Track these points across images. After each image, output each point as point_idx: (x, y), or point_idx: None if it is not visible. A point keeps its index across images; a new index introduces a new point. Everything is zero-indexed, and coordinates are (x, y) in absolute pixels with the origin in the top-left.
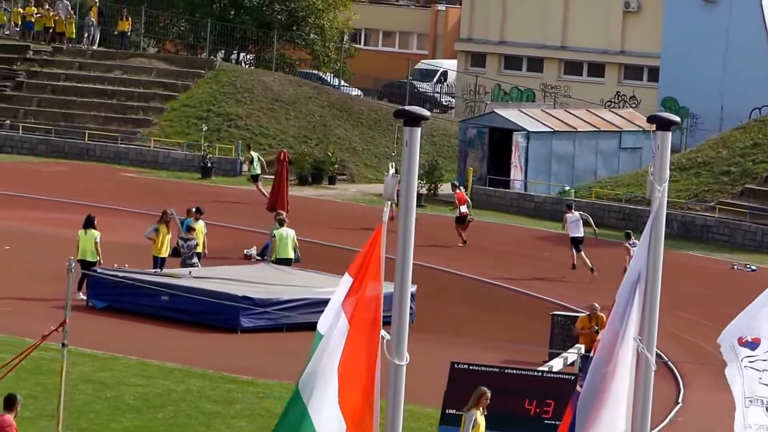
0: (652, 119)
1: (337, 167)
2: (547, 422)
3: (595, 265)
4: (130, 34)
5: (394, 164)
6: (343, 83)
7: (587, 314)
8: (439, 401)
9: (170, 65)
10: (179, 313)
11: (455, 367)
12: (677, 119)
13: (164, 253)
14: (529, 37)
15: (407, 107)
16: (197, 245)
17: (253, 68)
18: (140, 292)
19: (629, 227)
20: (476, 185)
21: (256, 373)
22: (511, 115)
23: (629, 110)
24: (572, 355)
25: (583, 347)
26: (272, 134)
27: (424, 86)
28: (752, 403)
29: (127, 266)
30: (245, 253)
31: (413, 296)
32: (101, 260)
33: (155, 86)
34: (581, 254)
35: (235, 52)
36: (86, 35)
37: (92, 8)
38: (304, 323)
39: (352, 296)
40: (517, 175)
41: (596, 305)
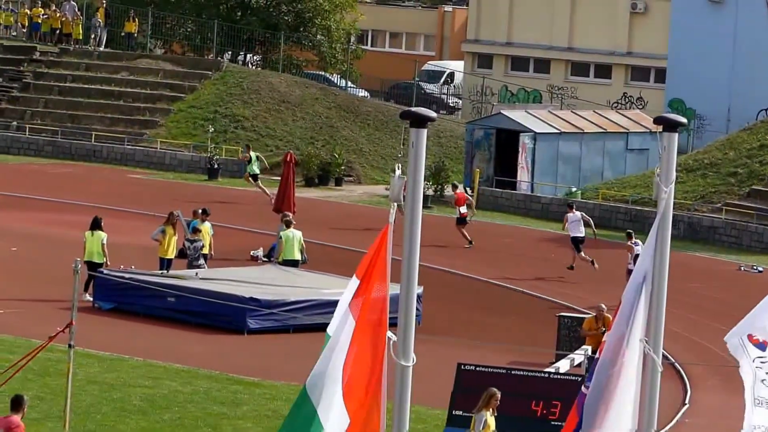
0: (658, 120)
1: (343, 168)
2: (553, 423)
3: (599, 266)
4: (136, 35)
5: (400, 165)
6: (349, 84)
7: (594, 315)
8: (445, 402)
9: (177, 66)
10: (186, 314)
11: (462, 368)
12: (684, 120)
13: (171, 254)
14: (536, 38)
15: (413, 108)
16: (203, 247)
17: (259, 69)
18: (147, 293)
19: (636, 229)
20: (483, 186)
21: (262, 374)
22: (517, 116)
23: (636, 111)
24: (579, 356)
25: (589, 348)
26: (279, 135)
27: (430, 87)
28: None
29: (133, 267)
30: (252, 254)
31: (420, 297)
32: (108, 262)
33: (162, 87)
34: (581, 254)
35: (241, 53)
36: (93, 36)
37: (99, 9)
38: (310, 324)
39: (358, 297)
40: (523, 176)
41: (603, 306)
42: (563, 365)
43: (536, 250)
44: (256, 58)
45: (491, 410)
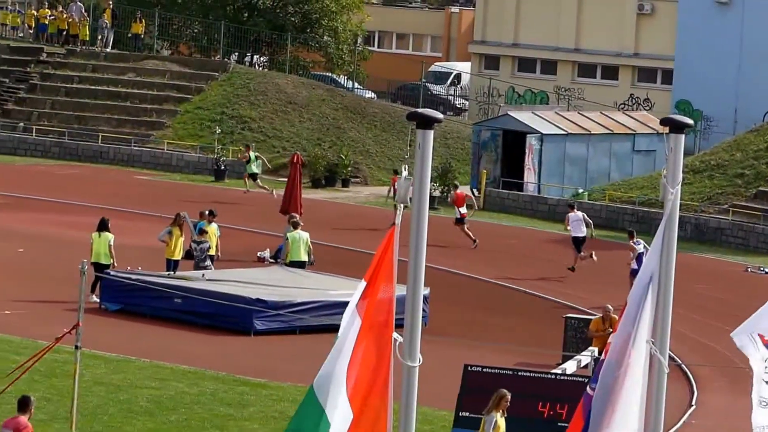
0: (665, 122)
1: (350, 170)
2: (560, 425)
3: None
4: (143, 36)
5: (407, 167)
6: (356, 86)
7: (600, 316)
8: (452, 404)
9: (184, 68)
10: (192, 315)
11: (469, 369)
12: (690, 122)
13: (177, 255)
14: (542, 39)
15: (420, 110)
16: (210, 248)
17: (266, 71)
18: (153, 294)
19: (643, 230)
20: (490, 188)
21: (269, 375)
22: (524, 117)
23: (643, 113)
24: (586, 357)
25: (596, 350)
26: (285, 137)
27: (437, 89)
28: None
29: (140, 269)
30: (258, 255)
31: (426, 299)
32: (115, 263)
33: (169, 89)
34: (580, 254)
35: (248, 54)
36: (100, 37)
37: (106, 10)
38: (317, 326)
39: (365, 299)
40: (530, 177)
41: (609, 307)
42: (570, 366)
43: (543, 251)
44: (262, 59)
45: (501, 411)
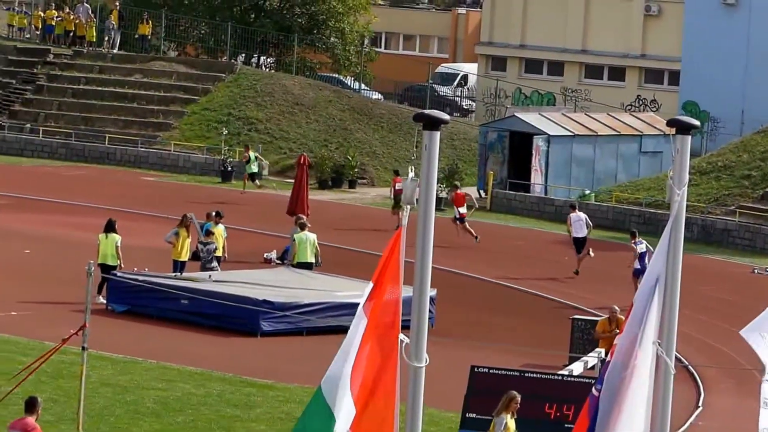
0: (671, 123)
1: (356, 171)
2: (567, 426)
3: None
4: (150, 37)
5: (413, 168)
6: (363, 87)
7: (607, 317)
8: (458, 405)
9: (190, 69)
10: (199, 316)
11: (475, 370)
12: (697, 123)
13: (184, 256)
14: (549, 40)
15: (426, 111)
16: (217, 249)
17: (273, 72)
18: (160, 295)
19: (649, 231)
20: (496, 189)
21: (276, 376)
22: (531, 118)
23: (650, 114)
24: (592, 359)
25: (603, 351)
26: (292, 138)
27: (444, 90)
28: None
29: (146, 270)
30: (265, 256)
31: (433, 300)
32: (122, 264)
33: (175, 90)
34: (585, 254)
35: (255, 55)
36: (107, 39)
37: (113, 12)
38: (323, 327)
39: (371, 300)
40: (537, 178)
41: (616, 308)
42: (577, 368)
43: (549, 252)
44: (269, 60)
45: (511, 413)
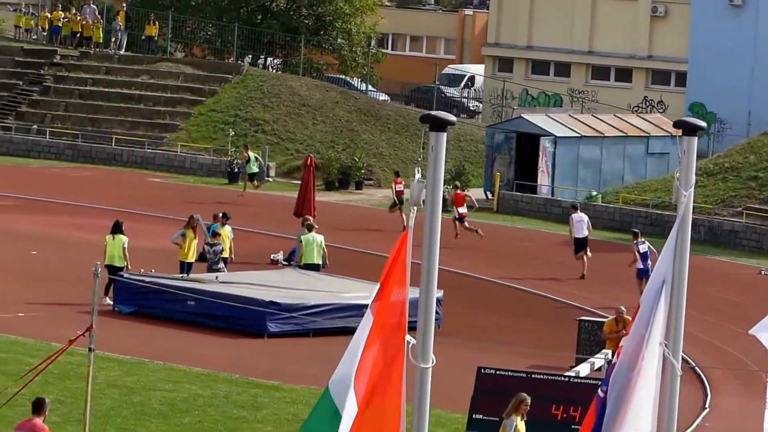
0: (678, 124)
1: (363, 172)
2: (573, 427)
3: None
4: (157, 38)
5: (420, 169)
6: (370, 88)
7: (614, 318)
8: (465, 406)
9: (197, 70)
10: (206, 318)
11: (482, 372)
12: (703, 124)
13: (191, 258)
14: (556, 41)
15: (433, 112)
16: (223, 250)
17: (280, 73)
18: (167, 297)
19: (656, 233)
20: (503, 190)
21: (282, 378)
22: (538, 120)
23: (657, 115)
24: (599, 360)
25: (610, 352)
26: (299, 139)
27: (451, 91)
28: None
29: (153, 271)
30: (272, 258)
31: (440, 301)
32: (129, 266)
33: (182, 91)
34: (582, 255)
35: (262, 56)
36: (113, 40)
37: (119, 13)
38: (330, 328)
39: (377, 300)
40: (544, 180)
41: (623, 308)
42: (583, 369)
43: (556, 254)
44: (276, 61)
45: (521, 415)
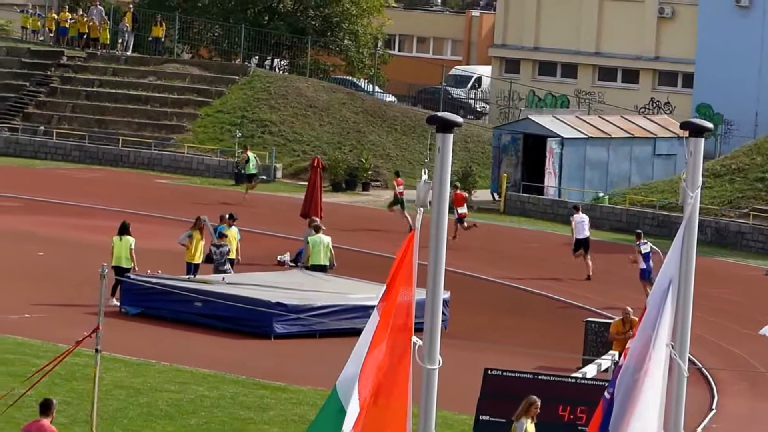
0: (684, 126)
1: (370, 173)
2: (580, 429)
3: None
4: (164, 40)
5: (427, 170)
6: (377, 89)
7: (620, 318)
8: (472, 407)
9: (204, 71)
10: (212, 319)
11: (489, 373)
12: (710, 126)
13: (197, 259)
14: (563, 43)
15: (439, 113)
16: (230, 252)
17: (286, 74)
18: (173, 298)
19: (663, 234)
20: (510, 191)
21: (289, 379)
22: (545, 121)
23: (664, 116)
24: (606, 361)
25: (617, 353)
26: (306, 140)
27: (458, 92)
28: None
29: (160, 272)
30: (278, 259)
31: (446, 303)
32: (136, 267)
33: (189, 92)
34: (581, 254)
35: (269, 58)
36: (120, 41)
37: (126, 14)
38: (337, 329)
39: (384, 301)
40: (551, 181)
41: (629, 309)
42: (590, 370)
43: (563, 255)
44: (283, 62)
45: (531, 418)
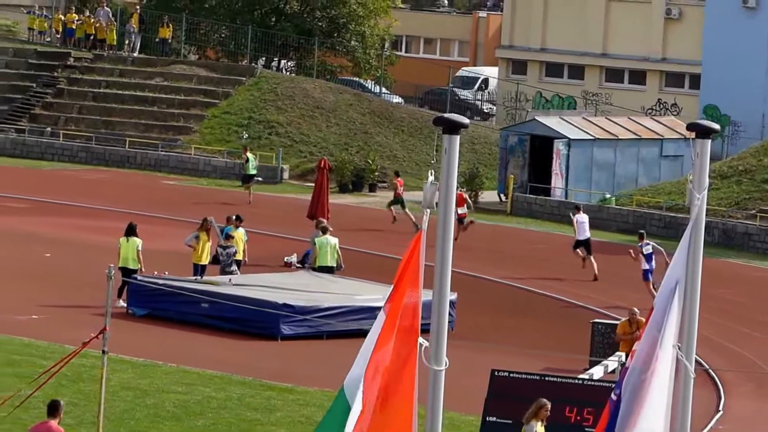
0: (691, 127)
1: (377, 174)
2: (587, 430)
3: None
4: (170, 41)
5: (433, 172)
6: (383, 90)
7: (627, 319)
8: (478, 409)
9: (211, 72)
10: (219, 320)
11: (495, 374)
12: (716, 127)
13: (204, 260)
14: (570, 44)
15: (446, 115)
16: (236, 253)
17: (293, 75)
18: (180, 299)
19: (670, 235)
20: (517, 193)
21: (296, 380)
22: (552, 122)
23: (670, 118)
24: (613, 362)
25: (624, 354)
26: (313, 141)
27: (465, 93)
28: None
29: (167, 273)
30: (285, 260)
31: (453, 304)
32: (143, 268)
33: (196, 93)
34: (581, 253)
35: (275, 59)
36: (127, 42)
37: (133, 15)
38: (344, 331)
39: (390, 302)
40: (558, 182)
41: (635, 309)
42: (597, 372)
43: (570, 256)
44: (290, 64)
45: (541, 420)
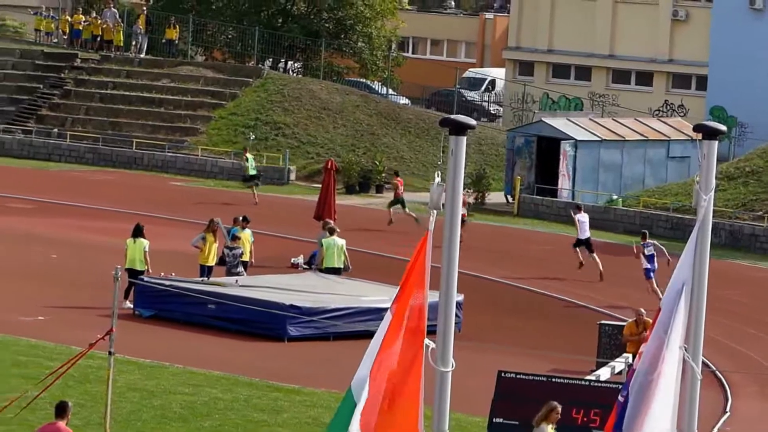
0: (698, 128)
1: (384, 176)
2: (594, 431)
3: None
4: (177, 42)
5: (440, 173)
6: (390, 92)
7: (634, 320)
8: (485, 410)
9: (218, 73)
10: (226, 321)
11: (502, 375)
12: (723, 128)
13: (211, 261)
14: (577, 45)
15: (452, 116)
16: (243, 254)
17: (300, 76)
18: (187, 300)
19: (677, 236)
20: (524, 194)
21: (302, 381)
22: (558, 123)
23: (677, 119)
24: (620, 364)
25: (630, 356)
26: (320, 143)
27: (471, 95)
28: None
29: (173, 275)
30: (292, 261)
31: (460, 305)
32: (150, 269)
33: (203, 95)
34: (575, 250)
35: (282, 60)
36: (134, 43)
37: (140, 16)
38: (350, 332)
39: (396, 303)
40: (564, 184)
41: (642, 310)
42: (604, 373)
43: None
44: (297, 65)
45: (552, 423)
